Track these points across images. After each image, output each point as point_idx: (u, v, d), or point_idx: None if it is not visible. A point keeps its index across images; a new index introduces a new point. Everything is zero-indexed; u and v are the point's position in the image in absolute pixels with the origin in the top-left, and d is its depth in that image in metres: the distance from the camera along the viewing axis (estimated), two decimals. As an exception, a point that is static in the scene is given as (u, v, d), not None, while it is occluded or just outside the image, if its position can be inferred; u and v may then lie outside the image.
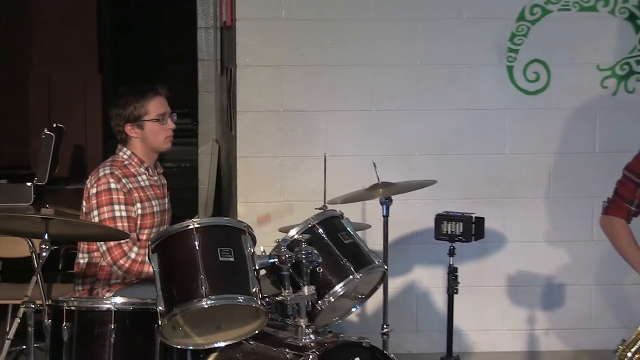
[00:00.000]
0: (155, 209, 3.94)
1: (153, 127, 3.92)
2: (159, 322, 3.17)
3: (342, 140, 4.79)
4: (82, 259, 3.93)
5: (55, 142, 5.71)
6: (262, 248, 3.30)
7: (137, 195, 3.87)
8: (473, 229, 4.16)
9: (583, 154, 4.88)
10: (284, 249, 3.25)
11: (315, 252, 3.26)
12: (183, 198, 6.31)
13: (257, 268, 3.24)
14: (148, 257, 3.29)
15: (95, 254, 3.88)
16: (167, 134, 3.96)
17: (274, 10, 4.72)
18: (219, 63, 6.61)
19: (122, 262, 3.76)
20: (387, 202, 4.07)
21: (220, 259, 3.19)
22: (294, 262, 3.24)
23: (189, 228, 3.22)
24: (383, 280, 3.60)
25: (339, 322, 3.51)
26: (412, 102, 4.81)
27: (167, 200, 4.07)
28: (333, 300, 3.33)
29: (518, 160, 4.88)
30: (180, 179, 7.30)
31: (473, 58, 4.80)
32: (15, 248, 4.52)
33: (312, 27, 4.74)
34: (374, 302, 4.11)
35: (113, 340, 3.28)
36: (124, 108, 3.92)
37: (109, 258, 3.77)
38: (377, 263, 3.44)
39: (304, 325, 3.22)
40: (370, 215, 4.56)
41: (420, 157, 4.83)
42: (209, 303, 3.12)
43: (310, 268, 3.24)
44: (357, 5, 4.75)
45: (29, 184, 5.45)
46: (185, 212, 4.76)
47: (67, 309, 3.33)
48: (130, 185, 3.87)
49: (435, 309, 4.89)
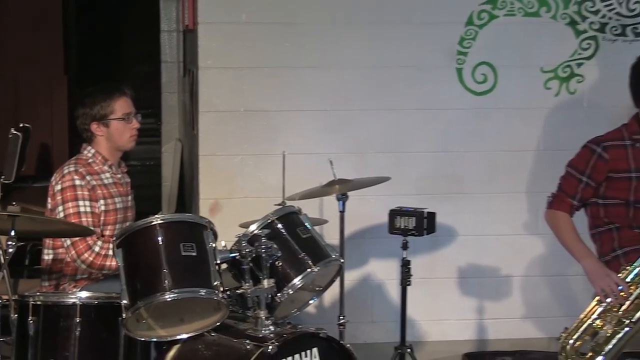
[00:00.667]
0: (118, 206, 3.97)
1: (118, 125, 3.96)
2: (124, 315, 3.18)
3: (300, 139, 4.79)
4: (47, 255, 3.94)
5: (22, 141, 5.72)
6: (223, 243, 3.34)
7: (100, 192, 3.89)
8: (425, 224, 4.22)
9: (528, 152, 4.93)
10: (245, 244, 3.29)
11: (275, 246, 3.30)
12: (147, 195, 6.20)
13: (218, 262, 3.27)
14: (113, 252, 3.30)
15: (60, 250, 3.88)
16: (131, 133, 3.98)
17: (235, 15, 4.72)
18: (182, 65, 6.51)
19: (86, 255, 3.76)
20: (343, 198, 4.12)
21: (183, 254, 3.20)
22: (254, 256, 3.27)
23: (153, 224, 3.24)
24: (339, 273, 3.63)
25: (298, 313, 3.54)
26: (366, 102, 4.83)
27: (130, 198, 4.09)
28: (292, 293, 3.36)
29: (468, 158, 4.92)
30: (145, 177, 7.06)
31: (424, 60, 4.83)
32: (-18, 245, 4.53)
33: (271, 30, 4.75)
34: (331, 294, 4.13)
35: (78, 334, 3.29)
36: (91, 107, 3.94)
37: (73, 252, 3.77)
38: (333, 257, 3.48)
39: (264, 317, 3.25)
40: (327, 211, 4.58)
41: (375, 154, 4.85)
42: (172, 296, 3.14)
43: (270, 262, 3.29)
44: (314, 10, 4.77)
45: (-4, 182, 5.42)
46: (149, 208, 4.66)
47: (33, 304, 3.33)
48: (94, 182, 3.88)
49: (390, 300, 4.91)
